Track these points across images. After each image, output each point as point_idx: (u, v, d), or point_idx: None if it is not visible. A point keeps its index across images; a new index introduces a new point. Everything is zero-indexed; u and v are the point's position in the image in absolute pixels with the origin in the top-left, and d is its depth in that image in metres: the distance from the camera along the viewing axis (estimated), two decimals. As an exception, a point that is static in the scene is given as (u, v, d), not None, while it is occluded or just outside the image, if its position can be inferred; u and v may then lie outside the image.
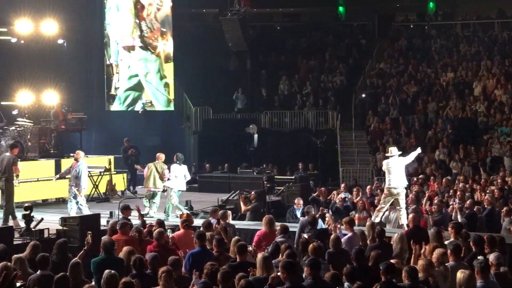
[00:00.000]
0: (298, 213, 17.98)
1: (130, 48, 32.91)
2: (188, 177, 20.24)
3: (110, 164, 24.10)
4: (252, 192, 20.47)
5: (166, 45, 32.79)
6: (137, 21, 32.73)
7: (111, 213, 17.66)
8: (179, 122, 34.81)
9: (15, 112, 25.76)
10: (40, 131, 23.70)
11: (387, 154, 18.03)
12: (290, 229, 14.08)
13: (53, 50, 28.88)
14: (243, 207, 19.90)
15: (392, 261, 10.20)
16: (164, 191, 19.79)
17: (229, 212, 15.82)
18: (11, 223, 16.49)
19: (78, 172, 18.58)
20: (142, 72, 32.84)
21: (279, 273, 9.31)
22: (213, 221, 14.34)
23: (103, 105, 32.75)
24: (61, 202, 22.09)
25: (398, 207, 16.69)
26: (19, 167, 17.69)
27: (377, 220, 16.57)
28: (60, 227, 15.54)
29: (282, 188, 24.56)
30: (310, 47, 37.41)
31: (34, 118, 24.89)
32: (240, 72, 36.86)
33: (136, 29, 32.81)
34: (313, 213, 15.71)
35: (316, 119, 31.89)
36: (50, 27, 27.96)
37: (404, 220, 16.34)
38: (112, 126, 30.87)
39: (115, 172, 24.36)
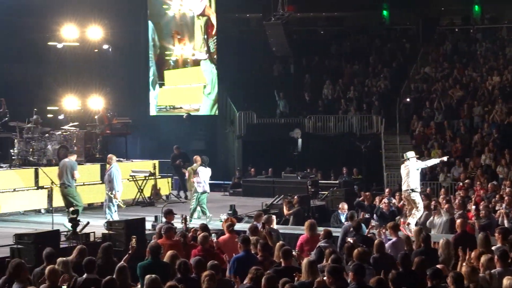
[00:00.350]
0: (343, 218, 17.91)
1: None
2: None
3: (154, 168, 24.19)
4: (295, 197, 20.43)
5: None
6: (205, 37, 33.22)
7: (156, 218, 17.74)
8: (223, 126, 34.90)
9: (61, 117, 26.06)
10: (85, 136, 23.90)
11: (404, 159, 17.97)
12: (334, 234, 14.02)
13: (98, 55, 29.14)
14: (285, 212, 19.89)
15: (438, 266, 10.08)
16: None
17: (274, 216, 15.78)
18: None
19: (111, 176, 18.72)
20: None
21: (324, 278, 9.26)
22: (258, 225, 14.34)
23: (148, 109, 32.93)
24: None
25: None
26: (77, 172, 18.38)
27: (412, 224, 16.57)
28: (106, 231, 15.65)
29: (326, 192, 24.44)
30: (354, 51, 37.29)
31: (79, 123, 25.12)
32: (283, 76, 36.85)
33: (203, 44, 33.32)
34: (358, 218, 15.66)
35: (361, 124, 31.71)
36: (95, 33, 28.22)
37: (412, 221, 16.56)
38: (157, 130, 31.03)
39: (159, 177, 24.44)
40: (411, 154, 17.76)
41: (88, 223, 16.61)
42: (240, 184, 27.36)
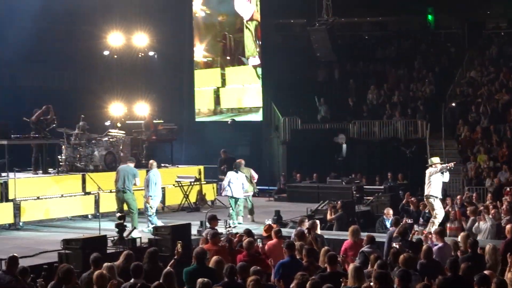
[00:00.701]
0: (388, 223, 17.80)
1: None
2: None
3: (200, 174, 24.28)
4: (338, 202, 20.40)
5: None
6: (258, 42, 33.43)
7: (201, 223, 17.80)
8: (268, 132, 34.91)
9: (107, 123, 26.31)
10: (132, 142, 24.10)
11: (429, 164, 18.21)
12: (378, 240, 13.96)
13: (144, 62, 29.36)
14: (328, 217, 19.88)
15: (486, 272, 9.97)
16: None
17: (318, 222, 15.75)
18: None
19: (148, 181, 18.85)
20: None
21: (370, 284, 9.22)
22: (304, 231, 14.34)
23: (193, 115, 33.08)
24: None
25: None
26: (139, 179, 18.72)
27: (433, 229, 16.29)
28: (152, 236, 15.75)
29: (371, 198, 24.36)
30: (398, 56, 37.10)
31: (126, 129, 25.31)
32: (328, 81, 36.79)
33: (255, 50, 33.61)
34: (403, 223, 15.59)
35: (405, 129, 31.50)
36: (141, 40, 28.46)
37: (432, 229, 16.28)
38: (202, 136, 31.16)
39: (205, 182, 24.50)
40: (436, 160, 17.99)
41: (134, 228, 16.75)
42: (285, 190, 27.38)
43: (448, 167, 17.90)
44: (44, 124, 22.10)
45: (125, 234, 15.79)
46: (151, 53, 29.43)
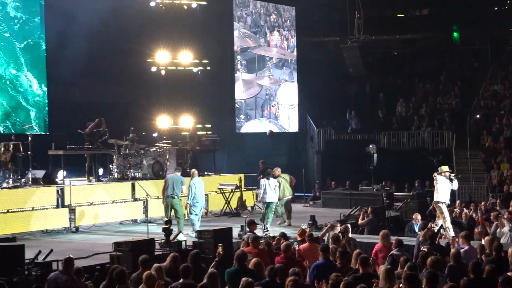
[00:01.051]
0: (416, 228, 17.71)
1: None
2: (277, 192, 20.22)
3: (240, 181, 24.39)
4: (369, 207, 20.34)
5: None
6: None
7: (241, 227, 17.82)
8: (303, 143, 34.93)
9: (155, 134, 26.50)
10: (177, 152, 24.22)
11: (439, 172, 17.96)
12: (408, 243, 13.90)
13: (188, 77, 29.55)
14: (360, 221, 19.83)
15: (509, 274, 9.87)
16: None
17: (349, 226, 15.69)
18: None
19: (188, 189, 18.98)
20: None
21: (400, 285, 9.17)
22: (339, 235, 14.33)
23: (234, 127, 33.16)
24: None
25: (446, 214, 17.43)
26: (185, 187, 18.83)
27: (451, 232, 16.95)
28: (196, 240, 15.81)
29: (401, 204, 24.25)
30: (426, 71, 36.97)
31: (172, 140, 25.45)
32: (359, 95, 36.74)
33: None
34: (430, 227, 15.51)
35: (433, 139, 31.40)
36: (186, 57, 28.68)
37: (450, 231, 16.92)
38: (243, 146, 31.21)
39: (245, 189, 24.57)
40: (445, 168, 17.91)
41: (180, 232, 16.81)
42: (319, 196, 27.36)
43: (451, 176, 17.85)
44: (97, 136, 22.31)
45: (171, 237, 15.86)
46: (195, 69, 29.64)
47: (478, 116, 31.83)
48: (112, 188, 21.47)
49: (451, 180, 17.65)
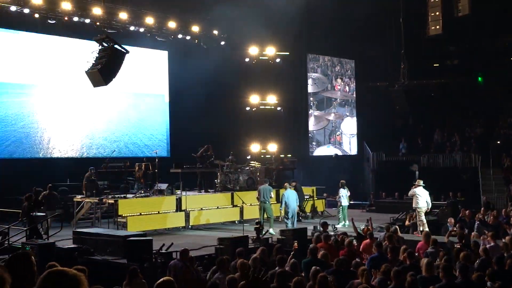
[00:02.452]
0: (450, 229, 17.17)
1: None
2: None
3: (313, 192, 24.22)
4: (413, 213, 19.84)
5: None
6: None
7: (314, 227, 17.64)
8: (361, 163, 34.58)
9: (248, 157, 26.61)
10: (265, 170, 24.22)
11: (416, 184, 18.44)
12: (441, 241, 13.48)
13: (273, 114, 29.66)
14: (406, 223, 19.39)
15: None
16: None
17: (397, 227, 15.31)
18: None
19: (281, 197, 19.19)
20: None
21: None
22: (382, 234, 14.06)
23: (308, 151, 33.08)
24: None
25: (422, 218, 17.89)
26: (273, 193, 19.32)
27: (421, 228, 17.51)
28: (280, 237, 15.72)
29: (437, 210, 23.58)
30: (456, 107, 36.03)
31: (261, 161, 25.51)
32: (404, 126, 36.15)
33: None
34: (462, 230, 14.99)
35: (462, 160, 30.51)
36: (271, 99, 28.83)
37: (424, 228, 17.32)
38: (315, 166, 31.04)
39: (316, 198, 24.41)
40: (420, 182, 18.29)
41: (267, 231, 16.75)
42: (374, 204, 27.00)
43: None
44: (206, 158, 22.54)
45: (261, 234, 15.82)
46: (278, 108, 29.72)
47: (498, 142, 30.85)
48: (216, 197, 21.62)
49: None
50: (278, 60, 29.66)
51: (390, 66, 31.96)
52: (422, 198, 18.05)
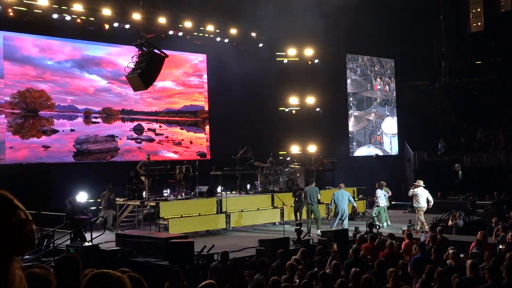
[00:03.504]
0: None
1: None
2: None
3: (353, 193, 23.99)
4: (457, 213, 19.56)
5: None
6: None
7: (356, 228, 17.50)
8: (402, 163, 34.20)
9: (288, 158, 26.58)
10: (305, 171, 24.15)
11: (415, 184, 18.72)
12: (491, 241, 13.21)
13: (312, 115, 29.56)
14: (450, 223, 19.08)
15: None
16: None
17: (441, 228, 15.07)
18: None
19: (332, 197, 18.98)
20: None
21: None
22: (426, 235, 13.85)
23: (348, 152, 32.88)
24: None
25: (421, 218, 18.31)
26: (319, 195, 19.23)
27: (418, 228, 18.17)
28: (321, 238, 15.64)
29: (482, 210, 23.17)
30: (499, 105, 35.30)
31: (301, 162, 25.44)
32: (447, 125, 35.60)
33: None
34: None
35: (507, 159, 29.90)
36: (310, 100, 28.72)
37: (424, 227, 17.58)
38: (355, 166, 30.81)
39: (357, 199, 24.20)
40: (421, 182, 18.49)
41: (308, 233, 16.69)
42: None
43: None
44: (245, 160, 22.60)
45: (301, 236, 15.77)
46: (317, 109, 29.61)
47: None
48: (256, 199, 21.65)
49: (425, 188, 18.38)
50: (316, 61, 29.58)
51: (431, 64, 31.52)
52: (422, 198, 18.36)
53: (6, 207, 1.71)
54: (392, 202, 23.52)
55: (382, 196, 20.08)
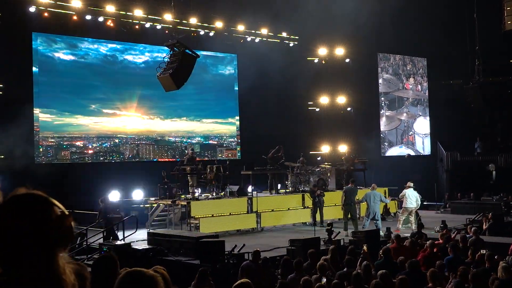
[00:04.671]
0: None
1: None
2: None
3: (385, 193, 23.74)
4: (490, 214, 19.27)
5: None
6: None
7: (387, 229, 17.37)
8: (434, 163, 33.87)
9: (319, 158, 26.49)
10: (336, 171, 24.05)
11: (406, 186, 19.27)
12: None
13: (343, 115, 29.40)
14: (484, 227, 18.80)
15: None
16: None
17: (474, 229, 14.85)
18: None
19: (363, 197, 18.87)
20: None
21: None
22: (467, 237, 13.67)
23: (379, 152, 32.65)
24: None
25: (411, 218, 18.89)
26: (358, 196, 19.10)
27: (399, 226, 18.68)
28: (352, 238, 15.55)
29: (519, 211, 22.81)
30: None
31: (331, 162, 25.33)
32: (480, 125, 35.06)
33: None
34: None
35: (544, 159, 29.42)
36: (342, 100, 28.57)
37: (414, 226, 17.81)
38: (387, 167, 30.56)
39: (389, 200, 23.96)
40: (411, 184, 19.21)
41: (339, 232, 16.60)
42: (448, 205, 26.29)
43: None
44: (276, 160, 22.59)
45: (332, 236, 15.70)
46: (348, 109, 29.44)
47: None
48: (287, 199, 21.63)
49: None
50: (347, 60, 29.43)
51: (464, 63, 31.09)
52: (411, 199, 18.82)
53: (44, 205, 1.80)
54: (424, 203, 23.26)
55: (409, 197, 19.62)
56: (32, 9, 20.62)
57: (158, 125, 25.56)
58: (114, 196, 20.40)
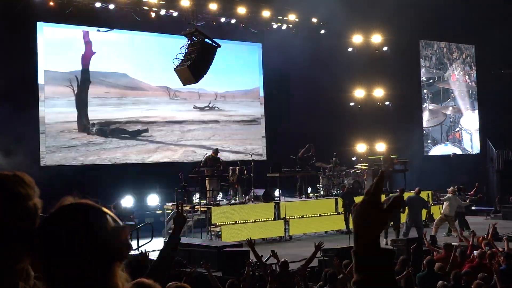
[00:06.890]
0: None
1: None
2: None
3: (428, 198, 23.68)
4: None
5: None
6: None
7: (431, 237, 17.29)
8: (483, 163, 33.59)
9: (353, 158, 26.45)
10: (373, 173, 23.98)
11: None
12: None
13: (381, 110, 29.31)
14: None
15: None
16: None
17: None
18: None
19: None
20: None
21: None
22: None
23: (422, 150, 32.51)
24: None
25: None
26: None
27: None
28: (390, 247, 15.54)
29: None
30: None
31: (368, 163, 25.28)
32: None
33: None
34: None
35: None
36: (378, 92, 28.51)
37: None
38: (430, 167, 30.39)
39: (432, 204, 23.89)
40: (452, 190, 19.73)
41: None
42: (499, 210, 26.10)
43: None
44: (307, 160, 22.63)
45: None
46: (386, 103, 29.35)
47: None
48: (318, 204, 21.66)
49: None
50: (385, 48, 29.30)
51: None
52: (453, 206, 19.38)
53: (99, 216, 1.85)
54: (472, 208, 23.09)
55: (450, 201, 19.59)
56: (37, -4, 20.92)
57: (175, 122, 25.80)
58: (127, 201, 20.62)
